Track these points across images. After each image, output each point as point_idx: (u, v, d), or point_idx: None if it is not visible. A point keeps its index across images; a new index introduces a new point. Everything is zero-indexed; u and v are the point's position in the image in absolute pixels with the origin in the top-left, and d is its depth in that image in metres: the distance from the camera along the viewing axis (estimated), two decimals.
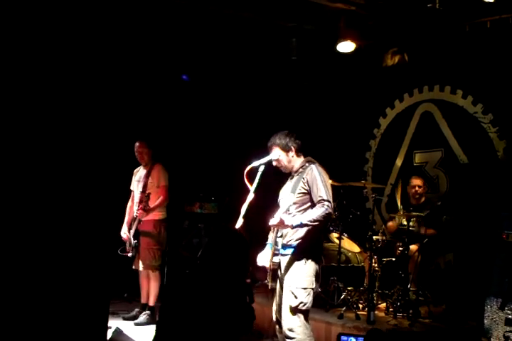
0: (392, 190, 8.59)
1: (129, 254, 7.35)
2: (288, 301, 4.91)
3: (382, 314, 6.84)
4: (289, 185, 5.19)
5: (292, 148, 5.11)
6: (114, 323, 6.50)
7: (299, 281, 4.90)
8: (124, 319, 7.43)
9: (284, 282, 4.97)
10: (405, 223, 7.22)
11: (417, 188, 7.58)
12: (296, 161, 5.16)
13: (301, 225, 4.82)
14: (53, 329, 4.00)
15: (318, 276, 5.08)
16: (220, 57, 9.08)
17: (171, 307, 3.02)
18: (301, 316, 4.91)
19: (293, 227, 4.83)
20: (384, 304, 7.06)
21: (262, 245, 5.32)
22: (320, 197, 4.87)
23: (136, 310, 7.54)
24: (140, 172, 7.67)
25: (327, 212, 4.84)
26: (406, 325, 6.34)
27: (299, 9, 7.77)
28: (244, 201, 4.73)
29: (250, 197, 4.72)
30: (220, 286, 3.17)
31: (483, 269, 6.37)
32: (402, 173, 8.51)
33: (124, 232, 7.47)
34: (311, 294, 4.96)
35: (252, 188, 4.74)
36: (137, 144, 7.55)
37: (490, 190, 7.23)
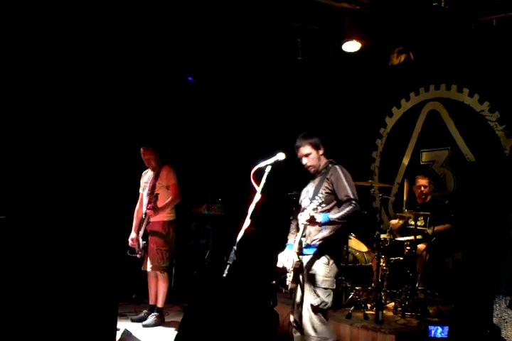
0: (399, 189, 8.58)
1: (138, 256, 7.35)
2: (310, 300, 4.93)
3: (390, 313, 6.83)
4: (311, 185, 5.23)
5: (321, 146, 5.21)
6: (122, 325, 6.51)
7: (322, 281, 4.94)
8: (133, 320, 7.43)
9: (306, 281, 4.99)
10: (412, 222, 7.22)
11: (422, 188, 7.58)
12: (323, 161, 5.23)
13: (330, 222, 4.87)
14: (62, 330, 4.01)
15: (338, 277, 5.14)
16: (225, 58, 9.09)
17: (197, 310, 3.00)
18: (321, 315, 4.94)
19: (321, 224, 4.87)
20: (392, 303, 7.06)
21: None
22: (346, 196, 4.94)
23: (145, 311, 7.54)
24: (148, 174, 7.67)
25: (355, 209, 4.90)
26: (415, 324, 6.32)
27: (304, 9, 7.77)
28: (251, 202, 4.73)
29: (257, 197, 4.72)
30: (248, 290, 3.14)
31: (491, 268, 6.35)
32: (409, 172, 8.50)
33: (131, 238, 7.47)
34: (332, 294, 5.00)
35: (258, 189, 4.74)
36: (143, 151, 7.50)
37: (497, 188, 7.20)
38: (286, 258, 5.15)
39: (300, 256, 5.01)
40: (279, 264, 5.18)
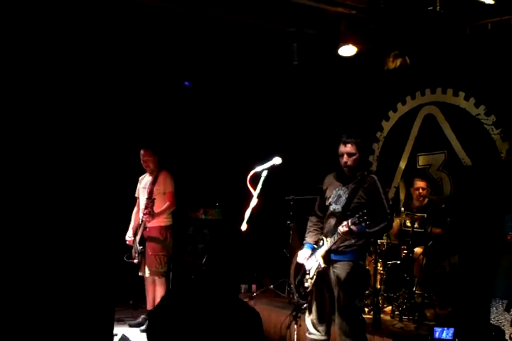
0: (396, 192, 8.59)
1: (135, 261, 7.35)
2: (346, 310, 4.97)
3: (387, 317, 6.83)
4: (343, 190, 5.19)
5: (365, 151, 5.22)
6: (119, 330, 6.51)
7: (352, 288, 4.98)
8: (130, 326, 7.43)
9: (335, 288, 5.02)
10: (409, 224, 7.22)
11: (420, 190, 7.60)
12: (360, 166, 5.19)
13: (363, 234, 4.91)
14: (59, 335, 4.00)
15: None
16: (221, 63, 9.10)
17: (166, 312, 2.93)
18: (354, 322, 4.99)
19: (356, 236, 4.90)
20: (389, 307, 7.06)
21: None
22: (383, 210, 4.96)
23: (142, 316, 7.54)
24: (146, 179, 7.68)
25: (389, 226, 4.98)
26: (412, 328, 6.33)
27: (299, 14, 7.79)
28: (247, 206, 4.74)
29: (254, 202, 4.73)
30: (222, 288, 3.09)
31: (488, 271, 6.36)
32: (405, 176, 8.51)
33: (129, 236, 7.50)
34: (363, 300, 5.07)
35: (255, 193, 4.74)
36: (142, 152, 7.55)
37: (494, 191, 7.21)
38: (306, 257, 5.16)
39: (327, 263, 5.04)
40: (299, 261, 5.20)
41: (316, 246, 5.17)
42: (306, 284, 5.13)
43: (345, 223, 4.82)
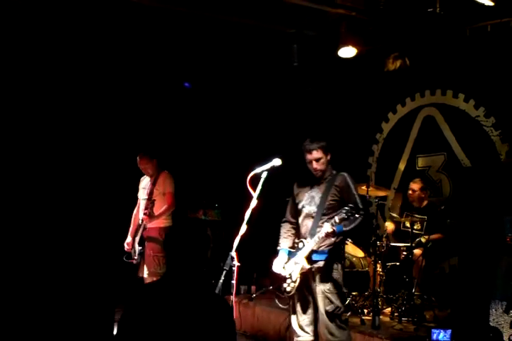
0: (395, 194, 8.60)
1: (134, 261, 7.35)
2: (324, 307, 5.02)
3: (387, 319, 6.83)
4: (315, 191, 5.24)
5: (329, 151, 5.23)
6: None
7: (334, 286, 5.03)
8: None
9: (317, 288, 5.05)
10: (408, 225, 7.24)
11: (410, 192, 7.60)
12: (328, 167, 5.25)
13: (342, 233, 5.00)
14: (59, 337, 4.00)
15: None
16: (221, 64, 9.10)
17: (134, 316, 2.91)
18: (338, 320, 5.05)
19: (335, 236, 4.97)
20: (389, 309, 7.06)
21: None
22: (357, 206, 4.99)
23: None
24: (146, 180, 7.68)
25: (363, 220, 5.01)
26: (411, 329, 6.33)
27: (300, 15, 7.79)
28: (247, 208, 4.74)
29: (253, 203, 4.73)
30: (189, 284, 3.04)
31: (487, 273, 6.36)
32: (405, 177, 8.51)
33: (127, 243, 7.48)
34: (344, 296, 5.21)
35: (255, 195, 4.75)
36: (138, 160, 7.50)
37: (493, 193, 7.22)
38: (283, 263, 5.18)
39: (302, 263, 5.06)
40: (275, 270, 5.22)
41: (293, 250, 5.20)
42: (288, 289, 5.14)
43: (329, 223, 4.90)
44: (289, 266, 5.15)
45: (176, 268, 3.00)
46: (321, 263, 5.07)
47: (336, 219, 4.85)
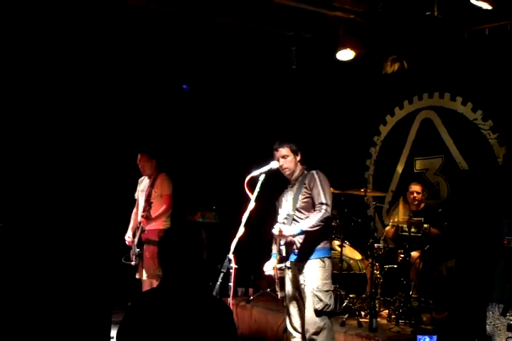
0: (393, 197, 8.61)
1: (133, 263, 7.35)
2: (313, 305, 5.00)
3: (384, 321, 6.83)
4: (289, 193, 5.28)
5: (299, 152, 5.27)
6: None
7: (322, 285, 5.03)
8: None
9: (306, 287, 5.05)
10: (406, 229, 7.24)
11: (415, 194, 7.61)
12: (299, 167, 5.28)
13: (302, 232, 4.92)
14: (56, 338, 4.00)
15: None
16: (220, 67, 9.11)
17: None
18: (326, 318, 5.04)
19: (295, 236, 4.93)
20: (386, 311, 7.07)
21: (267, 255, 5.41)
22: (319, 200, 5.02)
23: None
24: (145, 182, 7.69)
25: (325, 216, 4.97)
26: (408, 332, 6.33)
27: (298, 18, 7.81)
28: (245, 210, 4.75)
29: (251, 206, 4.74)
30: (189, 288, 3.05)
31: (484, 275, 6.37)
32: (402, 180, 8.52)
33: (128, 236, 7.51)
34: (332, 296, 5.12)
35: (252, 197, 4.76)
36: (139, 157, 7.56)
37: (490, 196, 7.22)
38: (272, 267, 5.23)
39: (287, 264, 5.08)
40: (266, 273, 5.27)
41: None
42: (277, 292, 5.23)
43: (277, 225, 4.98)
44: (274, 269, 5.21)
45: (172, 272, 3.01)
46: (305, 262, 5.07)
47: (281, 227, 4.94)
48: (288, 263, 5.13)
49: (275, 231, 4.92)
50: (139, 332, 2.71)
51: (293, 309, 5.25)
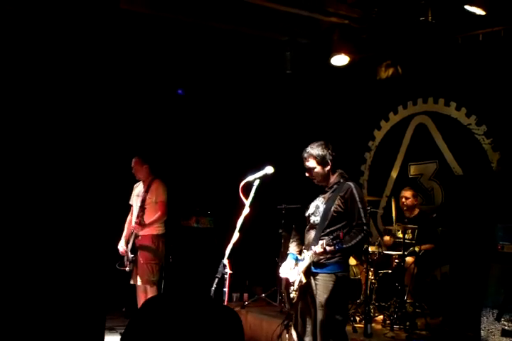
0: (387, 202, 8.61)
1: (127, 269, 7.34)
2: (324, 319, 4.89)
3: (379, 326, 6.84)
4: (321, 200, 5.12)
5: (329, 161, 5.08)
6: (111, 339, 6.48)
7: (334, 301, 4.89)
8: (121, 334, 7.39)
9: (317, 299, 4.93)
10: (400, 235, 7.25)
11: (403, 200, 7.60)
12: (332, 176, 5.12)
13: (341, 250, 4.82)
14: None
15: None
16: (215, 72, 9.12)
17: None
18: (336, 333, 4.93)
19: (334, 253, 4.85)
20: (381, 316, 7.07)
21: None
22: (359, 220, 4.88)
23: None
24: (139, 187, 7.68)
25: (366, 237, 4.90)
26: (403, 337, 6.34)
27: (293, 23, 7.83)
28: (239, 215, 4.75)
29: (246, 211, 4.74)
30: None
31: (479, 280, 6.38)
32: (397, 185, 8.53)
33: (121, 246, 7.47)
34: (346, 308, 5.06)
35: (247, 202, 4.75)
36: (133, 161, 7.56)
37: (485, 201, 7.24)
38: (289, 268, 5.12)
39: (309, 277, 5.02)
40: (282, 275, 5.16)
41: (299, 257, 5.12)
42: (292, 295, 5.10)
43: (320, 243, 4.77)
44: (293, 273, 5.06)
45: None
46: (320, 276, 4.96)
47: (324, 242, 4.74)
48: (301, 276, 5.03)
49: (319, 248, 4.77)
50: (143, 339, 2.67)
51: (302, 318, 5.11)
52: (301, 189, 5.33)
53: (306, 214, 5.20)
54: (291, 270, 5.10)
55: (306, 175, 5.15)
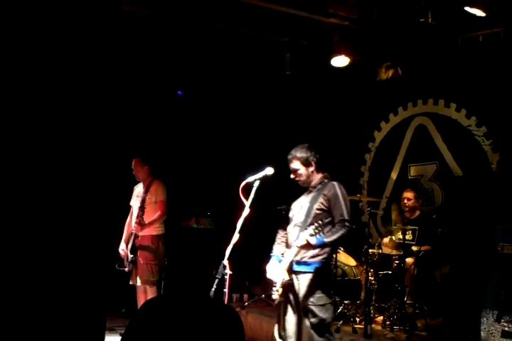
0: (387, 203, 8.61)
1: (126, 269, 7.33)
2: (309, 319, 4.90)
3: (379, 327, 6.84)
4: (304, 200, 5.17)
5: (313, 163, 5.12)
6: (111, 339, 6.48)
7: (318, 299, 4.90)
8: (122, 335, 7.38)
9: (302, 299, 4.94)
10: (400, 236, 7.25)
11: (405, 201, 7.60)
12: (316, 176, 5.17)
13: (323, 245, 4.86)
14: None
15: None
16: (214, 73, 9.12)
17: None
18: (323, 333, 4.91)
19: (315, 247, 4.86)
20: (381, 317, 7.07)
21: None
22: (341, 216, 4.92)
23: None
24: (139, 188, 7.68)
25: (348, 232, 4.89)
26: (403, 338, 6.34)
27: (293, 24, 7.83)
28: (239, 216, 4.75)
29: (246, 212, 4.74)
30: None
31: (479, 281, 6.38)
32: (397, 186, 8.53)
33: (122, 249, 7.46)
34: (330, 308, 5.01)
35: (247, 203, 4.75)
36: (133, 163, 7.56)
37: (484, 202, 7.25)
38: (274, 270, 5.14)
39: (291, 275, 5.02)
40: (268, 276, 5.17)
41: (282, 259, 5.12)
42: (274, 296, 5.08)
43: (301, 235, 4.79)
44: (277, 273, 5.11)
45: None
46: (304, 275, 4.96)
47: (305, 233, 4.75)
48: (284, 274, 5.04)
49: (301, 241, 4.78)
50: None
51: (286, 318, 5.14)
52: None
53: (290, 215, 5.24)
54: (275, 271, 5.11)
55: (291, 176, 5.19)
